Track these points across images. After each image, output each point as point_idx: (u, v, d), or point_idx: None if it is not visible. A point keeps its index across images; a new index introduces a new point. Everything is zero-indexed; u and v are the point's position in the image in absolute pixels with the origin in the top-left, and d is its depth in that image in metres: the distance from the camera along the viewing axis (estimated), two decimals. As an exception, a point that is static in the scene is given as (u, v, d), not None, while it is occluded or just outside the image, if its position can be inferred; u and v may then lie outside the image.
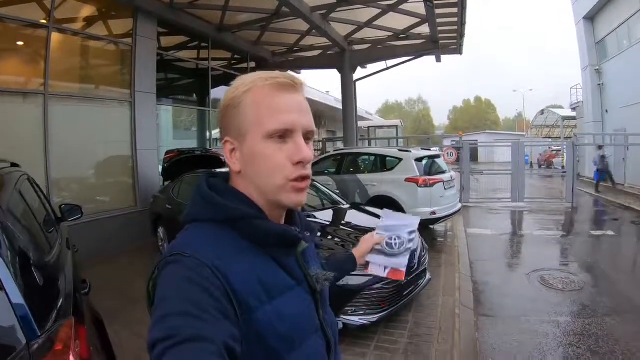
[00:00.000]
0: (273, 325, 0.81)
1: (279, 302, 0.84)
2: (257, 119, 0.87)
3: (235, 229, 0.87)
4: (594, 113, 19.48)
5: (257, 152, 0.88)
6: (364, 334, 4.13)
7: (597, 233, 8.96)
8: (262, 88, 0.88)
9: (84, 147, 7.72)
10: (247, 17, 10.57)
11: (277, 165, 0.87)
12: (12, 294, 1.31)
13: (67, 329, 1.47)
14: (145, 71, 8.71)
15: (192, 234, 0.87)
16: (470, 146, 15.43)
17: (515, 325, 4.53)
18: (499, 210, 12.28)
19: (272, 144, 0.87)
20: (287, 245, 0.92)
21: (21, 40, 6.87)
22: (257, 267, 0.84)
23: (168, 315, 0.69)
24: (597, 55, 19.55)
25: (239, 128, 0.90)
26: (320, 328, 0.97)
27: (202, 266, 0.76)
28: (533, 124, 43.32)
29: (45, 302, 1.54)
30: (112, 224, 7.76)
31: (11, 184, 2.16)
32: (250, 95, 0.89)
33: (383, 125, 33.07)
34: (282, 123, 0.86)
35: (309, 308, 0.94)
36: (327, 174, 9.29)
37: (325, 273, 1.01)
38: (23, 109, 6.78)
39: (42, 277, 1.67)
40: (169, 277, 0.77)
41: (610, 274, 6.23)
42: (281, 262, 0.90)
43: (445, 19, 10.52)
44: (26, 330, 1.31)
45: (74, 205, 3.87)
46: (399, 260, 1.55)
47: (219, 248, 0.82)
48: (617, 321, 4.58)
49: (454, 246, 7.76)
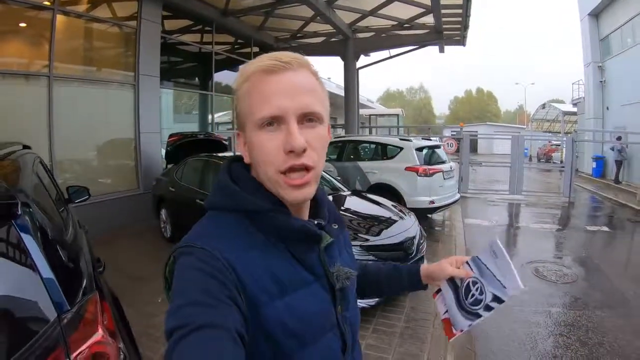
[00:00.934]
0: (282, 321, 0.80)
1: (291, 297, 0.82)
2: (250, 109, 0.84)
3: (254, 222, 0.85)
4: (595, 109, 19.47)
5: (253, 143, 0.84)
6: (363, 317, 4.16)
7: (593, 228, 9.05)
8: (255, 74, 0.84)
9: (87, 129, 7.79)
10: (252, 2, 10.62)
11: (268, 155, 0.82)
12: (42, 270, 1.40)
13: (93, 303, 1.57)
14: (149, 54, 8.74)
15: (207, 225, 0.87)
16: (470, 137, 15.47)
17: (508, 315, 4.62)
18: (497, 202, 12.36)
19: (264, 133, 0.82)
20: (306, 240, 0.88)
21: (26, 22, 6.88)
22: (270, 262, 0.82)
23: (182, 305, 0.70)
24: (600, 52, 19.49)
25: (240, 119, 0.88)
26: (337, 325, 0.92)
27: (213, 257, 0.76)
28: (534, 117, 43.24)
29: (70, 278, 1.63)
30: (115, 205, 7.85)
31: (29, 165, 2.24)
32: (246, 84, 0.85)
33: (384, 113, 32.98)
34: (268, 110, 0.81)
35: (325, 305, 0.90)
36: (329, 161, 9.35)
37: (348, 271, 0.93)
38: (28, 90, 6.83)
39: (65, 254, 1.76)
40: (182, 269, 0.77)
41: (603, 269, 6.33)
42: (299, 257, 0.87)
43: (450, 10, 10.53)
44: (57, 305, 1.39)
45: (81, 187, 3.86)
46: (460, 318, 1.12)
47: (232, 241, 0.81)
48: (607, 314, 4.70)
49: (451, 236, 7.86)
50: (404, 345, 3.86)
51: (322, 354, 0.86)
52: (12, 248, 1.44)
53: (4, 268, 1.42)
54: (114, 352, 1.44)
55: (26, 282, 1.41)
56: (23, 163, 2.14)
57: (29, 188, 1.81)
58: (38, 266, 1.40)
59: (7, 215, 1.41)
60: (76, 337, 1.36)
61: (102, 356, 1.41)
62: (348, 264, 0.97)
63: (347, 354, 0.94)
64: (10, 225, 1.42)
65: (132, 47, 8.57)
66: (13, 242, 1.42)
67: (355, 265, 1.08)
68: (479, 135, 34.10)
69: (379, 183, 8.32)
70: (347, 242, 1.08)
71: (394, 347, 3.81)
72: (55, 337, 1.32)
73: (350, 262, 1.03)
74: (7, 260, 1.44)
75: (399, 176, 8.13)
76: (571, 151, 12.55)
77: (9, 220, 1.42)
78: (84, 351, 1.33)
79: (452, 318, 1.13)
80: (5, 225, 1.43)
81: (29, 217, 1.54)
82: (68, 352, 1.30)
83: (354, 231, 4.59)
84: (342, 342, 0.93)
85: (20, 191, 1.66)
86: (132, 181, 8.71)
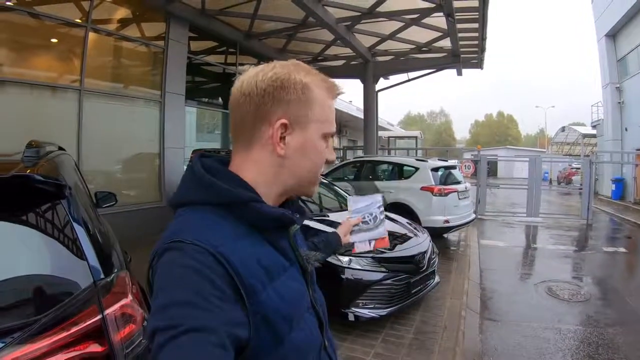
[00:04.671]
0: (277, 306, 0.83)
1: (277, 283, 0.86)
2: (322, 117, 0.93)
3: (232, 213, 0.86)
4: (614, 131, 19.36)
5: (312, 146, 0.93)
6: (373, 327, 4.35)
7: (610, 250, 9.01)
8: (320, 87, 0.93)
9: (114, 142, 8.13)
10: (274, 26, 10.95)
11: (321, 161, 0.96)
12: (84, 244, 1.65)
13: (124, 277, 1.80)
14: (176, 73, 9.13)
15: (189, 219, 0.86)
16: (490, 160, 15.47)
17: (518, 330, 4.68)
18: (514, 224, 12.33)
19: (323, 142, 0.95)
20: (281, 228, 0.93)
21: (60, 38, 7.30)
22: (256, 251, 0.85)
23: (169, 304, 0.70)
24: (618, 72, 19.46)
25: (304, 116, 0.91)
26: (312, 306, 0.99)
27: (204, 253, 0.76)
28: (554, 140, 42.86)
29: (105, 256, 1.87)
30: (138, 216, 8.07)
31: (68, 163, 2.49)
32: (314, 90, 0.92)
33: (403, 135, 33.18)
34: (333, 129, 0.97)
35: (302, 287, 0.96)
36: (347, 180, 9.56)
37: (315, 254, 1.04)
38: (59, 102, 7.21)
39: (102, 238, 2.00)
40: (169, 265, 0.76)
41: (617, 288, 6.31)
42: (276, 244, 0.91)
43: (466, 34, 10.74)
44: (94, 273, 1.63)
45: (109, 193, 4.02)
46: (379, 230, 1.78)
47: (219, 233, 0.81)
48: (619, 331, 4.68)
49: (465, 255, 7.90)
50: (411, 355, 3.92)
51: (305, 334, 0.92)
52: (60, 223, 1.68)
53: (52, 239, 1.68)
54: (140, 316, 1.66)
55: (70, 252, 1.67)
56: (62, 161, 2.36)
57: (71, 181, 2.04)
58: (81, 241, 1.65)
59: (58, 195, 1.67)
60: (109, 299, 1.60)
61: (130, 317, 1.64)
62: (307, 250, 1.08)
63: (325, 332, 1.03)
64: (59, 204, 1.68)
65: (159, 65, 8.98)
66: (61, 219, 1.68)
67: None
68: (498, 157, 33.97)
69: (395, 202, 8.42)
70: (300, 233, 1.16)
71: (401, 356, 3.87)
72: (91, 297, 1.57)
73: (307, 248, 1.12)
74: (55, 233, 1.69)
75: (414, 195, 8.23)
76: (589, 173, 12.51)
77: (59, 199, 1.67)
78: (115, 310, 1.57)
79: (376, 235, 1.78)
80: (55, 203, 1.68)
81: (73, 200, 1.79)
82: (102, 308, 1.54)
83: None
84: (318, 320, 1.00)
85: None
86: (156, 194, 9.00)
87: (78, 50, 7.36)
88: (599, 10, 20.32)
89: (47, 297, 1.57)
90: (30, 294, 1.57)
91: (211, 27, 10.12)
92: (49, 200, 1.67)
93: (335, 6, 9.16)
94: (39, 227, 1.67)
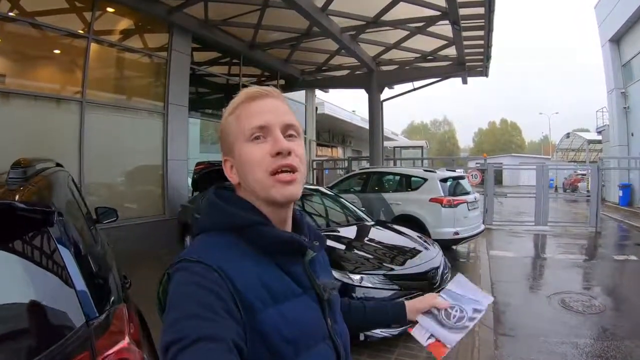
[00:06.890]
0: (277, 327, 0.83)
1: (284, 306, 0.86)
2: (239, 129, 0.94)
3: (241, 236, 0.90)
4: (620, 136, 19.21)
5: (242, 157, 0.93)
6: (385, 347, 4.19)
7: (620, 258, 8.83)
8: (242, 102, 0.96)
9: (116, 154, 8.05)
10: (278, 36, 10.87)
11: (257, 160, 0.91)
12: (74, 278, 1.47)
13: (121, 312, 1.63)
14: (179, 84, 9.05)
15: (198, 243, 0.92)
16: (495, 169, 15.32)
17: (533, 345, 4.53)
18: (522, 234, 12.16)
19: (253, 144, 0.92)
20: (292, 253, 0.94)
21: (62, 49, 7.26)
22: (261, 272, 0.87)
23: (179, 319, 0.73)
24: (622, 78, 19.34)
25: (229, 144, 0.97)
26: (329, 337, 0.96)
27: (208, 270, 0.80)
28: (558, 147, 42.80)
29: (100, 288, 1.70)
30: (141, 230, 7.99)
31: (63, 181, 2.35)
32: (235, 112, 0.96)
33: (408, 145, 32.97)
34: (257, 121, 0.92)
35: (315, 314, 0.94)
36: (353, 192, 9.41)
37: (332, 282, 1.02)
38: (61, 114, 7.14)
39: (95, 266, 1.83)
40: (178, 283, 0.80)
41: (631, 298, 6.15)
42: (286, 269, 0.92)
43: (471, 42, 10.63)
44: (86, 311, 1.45)
45: (109, 208, 3.92)
46: (450, 335, 1.26)
47: (224, 252, 0.86)
48: (637, 344, 4.53)
49: (476, 267, 7.73)
50: (424, 373, 3.76)
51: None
52: (47, 255, 1.51)
53: (38, 273, 1.51)
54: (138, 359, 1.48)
55: (58, 288, 1.49)
56: (56, 179, 2.23)
57: (62, 202, 1.89)
58: (70, 273, 1.47)
59: (44, 223, 1.50)
60: (103, 342, 1.42)
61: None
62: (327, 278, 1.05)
63: None
64: (46, 233, 1.51)
65: (162, 76, 8.90)
66: (48, 249, 1.50)
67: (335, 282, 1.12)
68: (504, 166, 33.74)
69: (403, 214, 8.29)
70: (326, 261, 1.15)
71: (416, 376, 3.72)
72: (83, 340, 1.39)
73: (330, 277, 1.10)
74: (42, 266, 1.52)
75: (423, 207, 8.10)
76: (597, 180, 12.33)
77: (46, 227, 1.50)
78: (110, 356, 1.38)
79: (442, 337, 1.26)
80: (42, 232, 1.51)
81: (63, 227, 1.62)
82: (94, 355, 1.35)
83: (379, 260, 4.59)
84: (336, 353, 0.97)
85: (55, 204, 1.73)
86: (159, 207, 8.89)
87: (80, 62, 7.31)
88: (602, 15, 20.23)
89: (33, 341, 1.40)
90: (13, 338, 1.40)
91: (214, 38, 10.06)
92: (35, 228, 1.51)
93: (340, 15, 9.05)
94: (23, 259, 1.50)
